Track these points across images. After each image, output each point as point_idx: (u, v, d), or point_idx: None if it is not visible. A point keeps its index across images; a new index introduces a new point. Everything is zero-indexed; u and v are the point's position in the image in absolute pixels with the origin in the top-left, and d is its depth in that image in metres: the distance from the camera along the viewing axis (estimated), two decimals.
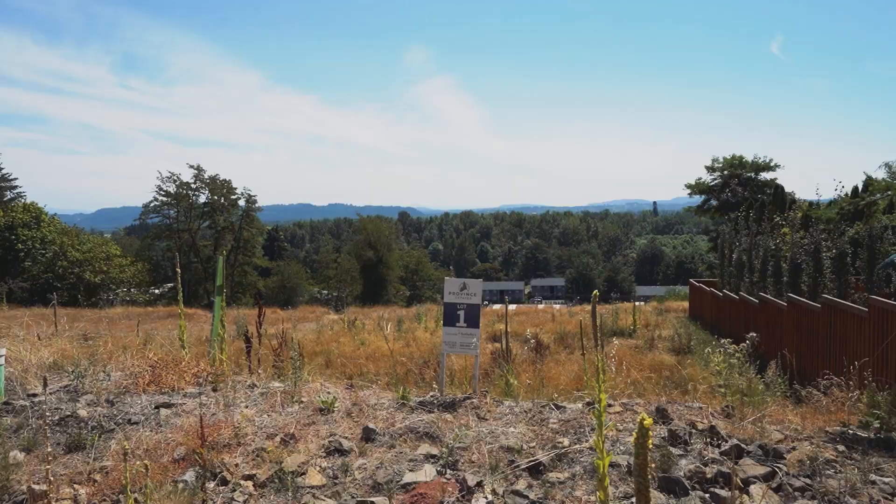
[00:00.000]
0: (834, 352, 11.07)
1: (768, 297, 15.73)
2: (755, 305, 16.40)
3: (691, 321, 23.63)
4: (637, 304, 33.95)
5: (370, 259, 71.52)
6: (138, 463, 3.35)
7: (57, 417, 4.31)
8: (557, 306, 43.37)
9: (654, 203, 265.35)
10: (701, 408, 4.12)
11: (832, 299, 11.86)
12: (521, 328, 22.31)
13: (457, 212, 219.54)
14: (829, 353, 11.28)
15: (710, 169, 46.84)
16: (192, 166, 59.08)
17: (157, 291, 60.40)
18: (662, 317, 25.26)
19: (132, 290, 52.95)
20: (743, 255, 21.20)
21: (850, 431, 3.63)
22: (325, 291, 69.18)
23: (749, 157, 45.53)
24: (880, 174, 37.18)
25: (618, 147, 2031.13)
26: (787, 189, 41.40)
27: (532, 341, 19.60)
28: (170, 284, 63.28)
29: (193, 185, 60.30)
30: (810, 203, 34.64)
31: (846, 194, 30.40)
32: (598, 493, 2.32)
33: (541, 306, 45.41)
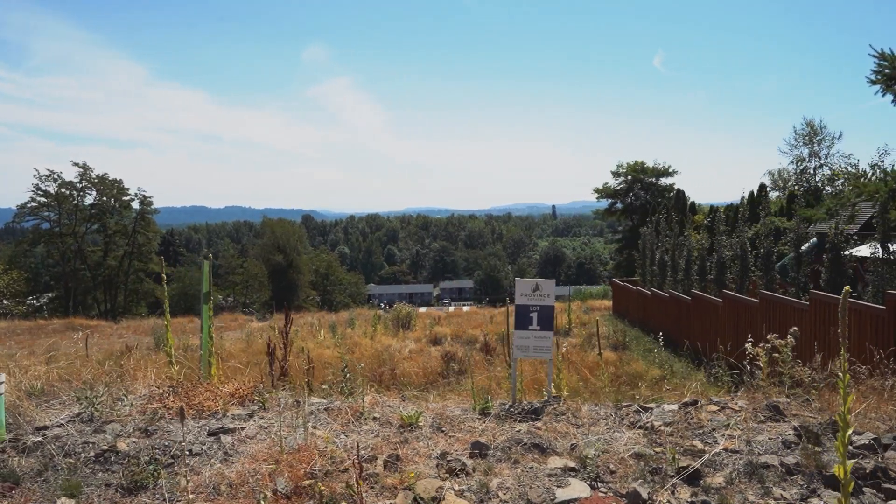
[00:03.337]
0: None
1: (701, 293, 16.77)
2: (687, 302, 17.41)
3: (617, 319, 24.74)
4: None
5: (279, 263, 68.78)
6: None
7: (93, 454, 3.57)
8: (466, 308, 43.96)
9: (553, 207, 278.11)
10: (786, 401, 4.20)
11: (772, 294, 12.84)
12: (460, 330, 22.24)
13: (362, 215, 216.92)
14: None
15: (616, 174, 49.50)
16: (76, 164, 53.58)
17: (36, 302, 54.35)
18: (590, 315, 26.25)
19: (5, 301, 47.30)
20: (665, 255, 22.54)
21: None
22: (231, 298, 65.56)
23: (650, 163, 48.61)
24: (766, 180, 41.21)
25: (517, 151, 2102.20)
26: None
27: (478, 344, 19.63)
28: (50, 294, 57.20)
29: (79, 185, 54.73)
30: (711, 206, 37.63)
31: (741, 199, 33.18)
32: (839, 499, 2.21)
33: (451, 308, 45.83)
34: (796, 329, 5.15)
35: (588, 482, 3.19)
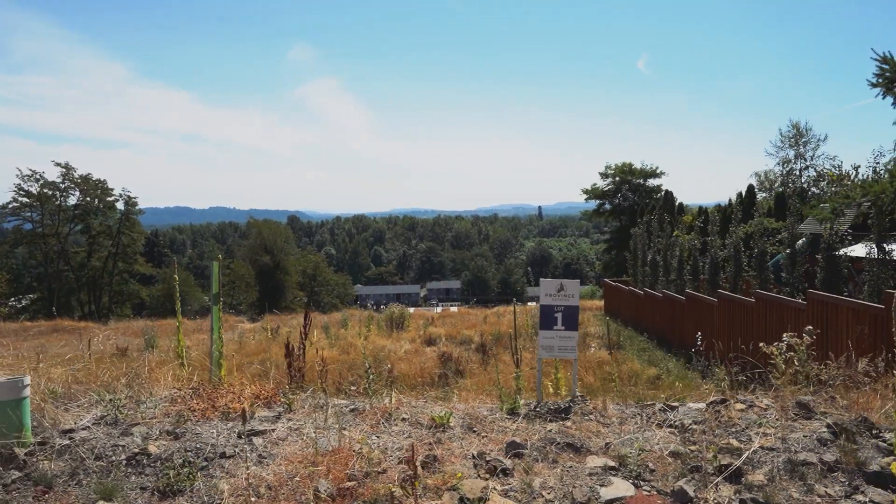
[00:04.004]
0: (771, 341, 12.05)
1: (696, 293, 16.92)
2: (681, 302, 17.56)
3: (609, 319, 24.89)
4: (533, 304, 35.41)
5: (266, 264, 68.27)
6: None
7: (124, 457, 3.50)
8: (454, 308, 44.04)
9: (539, 207, 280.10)
10: (813, 399, 4.25)
11: (768, 294, 13.00)
12: (454, 331, 22.20)
13: (349, 216, 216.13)
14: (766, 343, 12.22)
15: (604, 175, 49.83)
16: (58, 164, 52.76)
17: (17, 304, 53.40)
18: (582, 315, 26.41)
19: None
20: (658, 255, 22.72)
21: None
22: None
23: (638, 165, 48.99)
24: (753, 181, 41.73)
25: (503, 152, 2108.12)
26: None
27: (473, 344, 19.60)
28: (32, 296, 56.27)
29: (61, 185, 53.88)
30: (700, 207, 38.02)
31: (730, 200, 33.59)
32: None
33: (438, 309, 45.89)
34: (811, 328, 5.22)
35: (630, 481, 3.20)
